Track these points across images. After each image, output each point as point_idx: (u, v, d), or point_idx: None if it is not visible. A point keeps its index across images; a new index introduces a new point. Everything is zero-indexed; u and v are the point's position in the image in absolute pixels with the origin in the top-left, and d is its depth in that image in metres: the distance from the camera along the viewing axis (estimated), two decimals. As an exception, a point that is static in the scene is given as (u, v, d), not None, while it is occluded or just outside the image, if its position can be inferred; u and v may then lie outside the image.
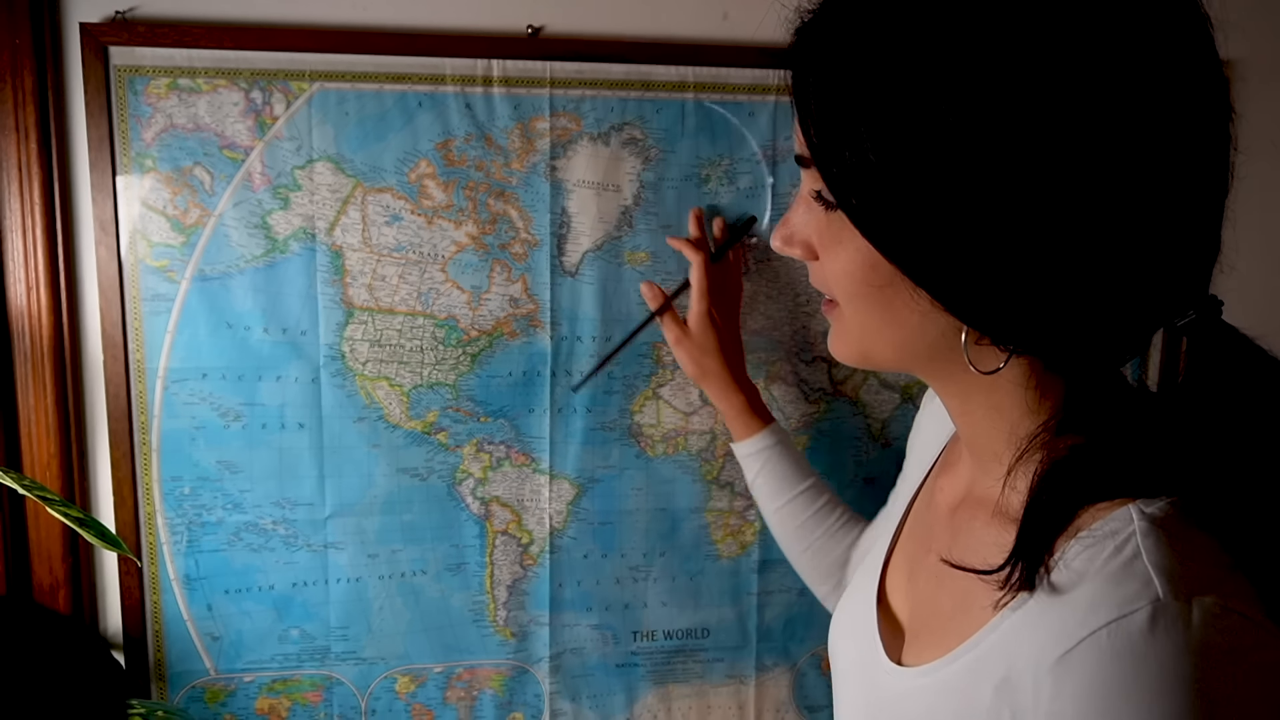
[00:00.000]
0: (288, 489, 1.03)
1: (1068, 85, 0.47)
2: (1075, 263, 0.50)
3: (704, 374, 1.00)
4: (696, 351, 1.00)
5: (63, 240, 0.97)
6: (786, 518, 0.99)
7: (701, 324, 0.99)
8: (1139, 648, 0.48)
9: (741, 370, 1.02)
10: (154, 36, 0.94)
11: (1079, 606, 0.51)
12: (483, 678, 1.10)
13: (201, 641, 1.04)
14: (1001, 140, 0.48)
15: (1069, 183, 0.48)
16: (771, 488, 0.99)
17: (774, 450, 0.99)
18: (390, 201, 1.00)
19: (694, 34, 1.04)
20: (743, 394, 1.00)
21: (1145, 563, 0.50)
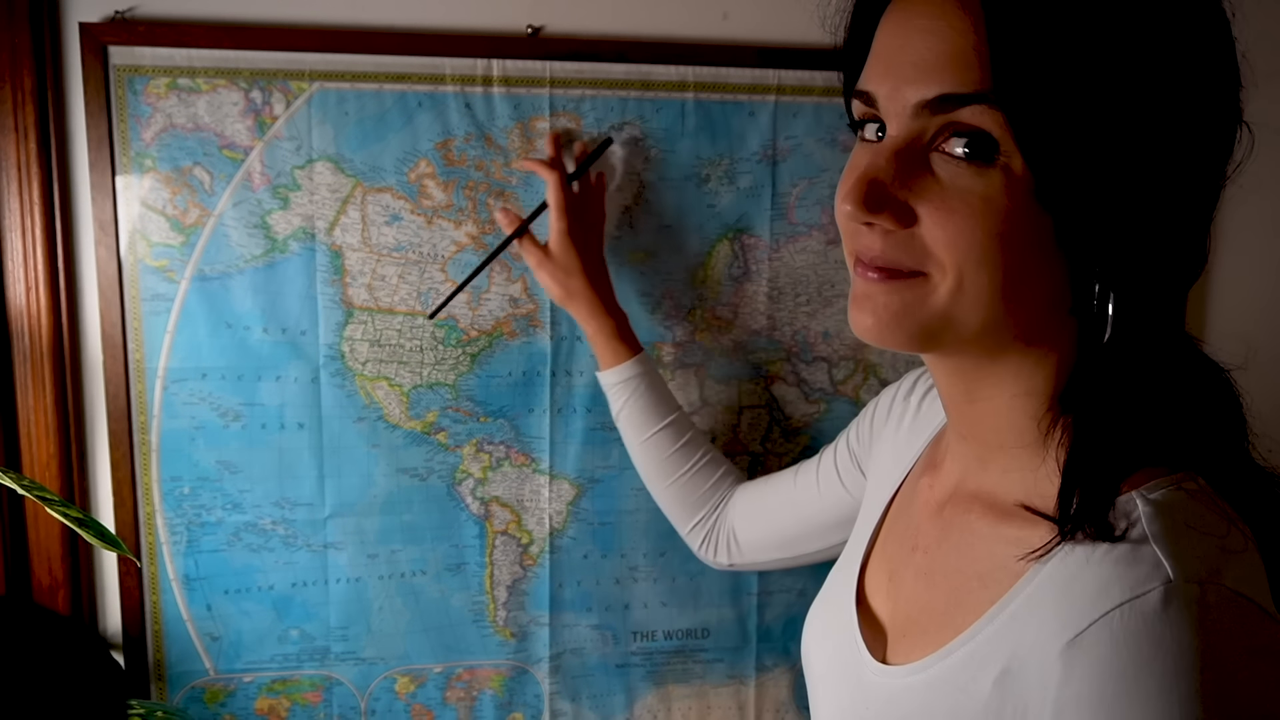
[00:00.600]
0: (287, 489, 1.03)
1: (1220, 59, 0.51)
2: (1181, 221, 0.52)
3: (569, 295, 0.97)
4: (560, 273, 0.97)
5: (62, 240, 0.97)
6: (652, 450, 0.99)
7: (562, 244, 0.96)
8: (1154, 628, 0.47)
9: (609, 294, 0.99)
10: (153, 36, 0.94)
11: (1088, 590, 0.50)
12: (483, 678, 1.10)
13: (201, 642, 1.04)
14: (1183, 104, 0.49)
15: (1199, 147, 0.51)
16: (638, 420, 0.99)
17: (642, 380, 0.98)
18: (390, 201, 1.00)
19: (694, 34, 1.04)
20: (611, 318, 0.98)
21: (1154, 547, 0.50)
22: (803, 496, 0.93)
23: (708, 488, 1.00)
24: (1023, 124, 0.48)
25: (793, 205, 1.07)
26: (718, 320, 1.08)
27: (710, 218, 1.06)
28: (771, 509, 0.96)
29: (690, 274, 1.07)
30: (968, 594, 0.58)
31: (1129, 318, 0.53)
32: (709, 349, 1.08)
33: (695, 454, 0.99)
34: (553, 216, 0.97)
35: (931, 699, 0.58)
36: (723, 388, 1.09)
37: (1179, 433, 0.55)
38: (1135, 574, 0.49)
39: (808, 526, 0.93)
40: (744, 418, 1.10)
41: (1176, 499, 0.52)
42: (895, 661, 0.63)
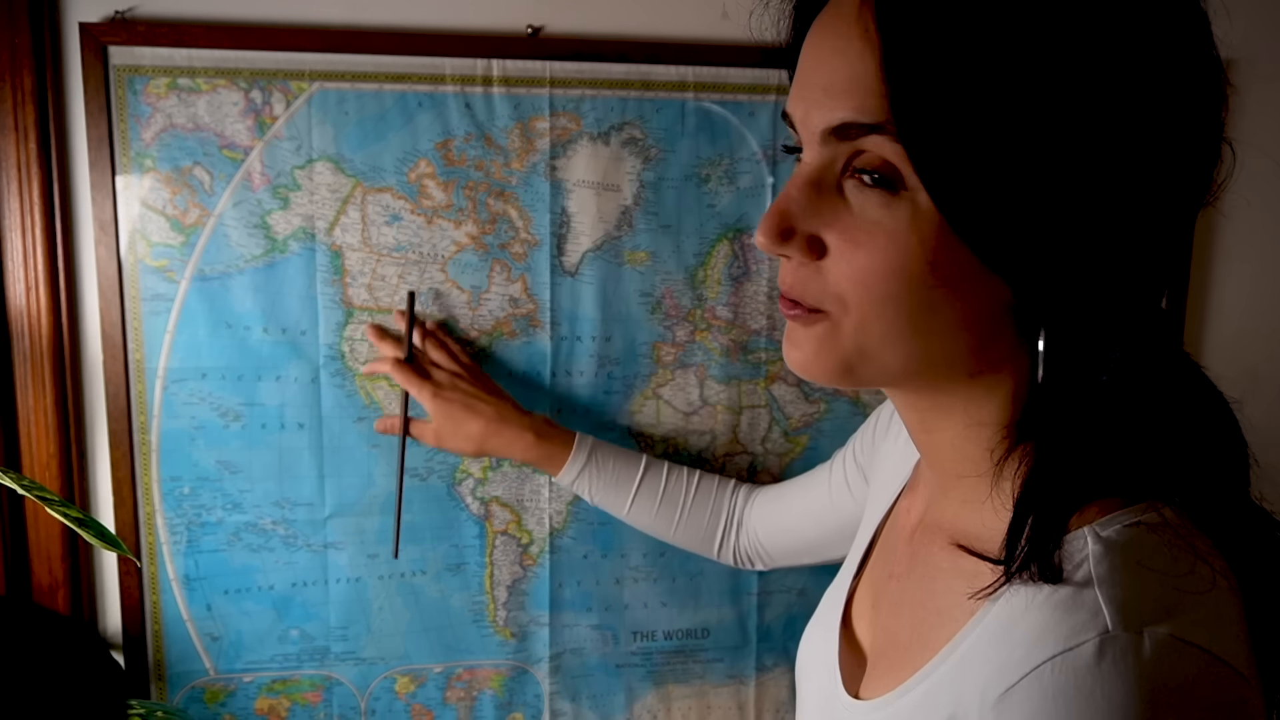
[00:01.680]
0: (287, 489, 1.03)
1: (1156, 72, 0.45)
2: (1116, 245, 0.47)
3: (483, 442, 0.96)
4: (459, 433, 0.96)
5: (62, 240, 0.97)
6: (642, 512, 0.99)
7: (440, 408, 0.96)
8: (1084, 684, 0.44)
9: (513, 408, 0.98)
10: (153, 36, 0.94)
11: (1025, 638, 0.47)
12: (483, 678, 1.10)
13: (201, 641, 1.04)
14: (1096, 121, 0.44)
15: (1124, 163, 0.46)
16: (614, 495, 0.99)
17: (592, 462, 0.98)
18: (390, 201, 1.00)
19: (694, 34, 1.04)
20: (530, 430, 0.97)
21: (1095, 591, 0.46)
22: (817, 506, 0.92)
23: (712, 509, 1.00)
24: (923, 158, 0.45)
25: (793, 205, 1.07)
26: (718, 320, 1.08)
27: (710, 218, 1.06)
28: (791, 519, 0.96)
29: (690, 274, 1.07)
30: (929, 629, 0.55)
31: (1076, 344, 0.50)
32: (709, 349, 1.08)
33: (683, 489, 0.99)
34: (416, 395, 0.97)
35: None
36: (723, 388, 1.09)
37: (1148, 461, 0.51)
38: (1072, 622, 0.46)
39: (829, 533, 0.92)
40: (744, 418, 1.10)
41: (1132, 536, 0.49)
42: (866, 696, 0.61)
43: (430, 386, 0.96)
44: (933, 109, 0.44)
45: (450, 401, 0.96)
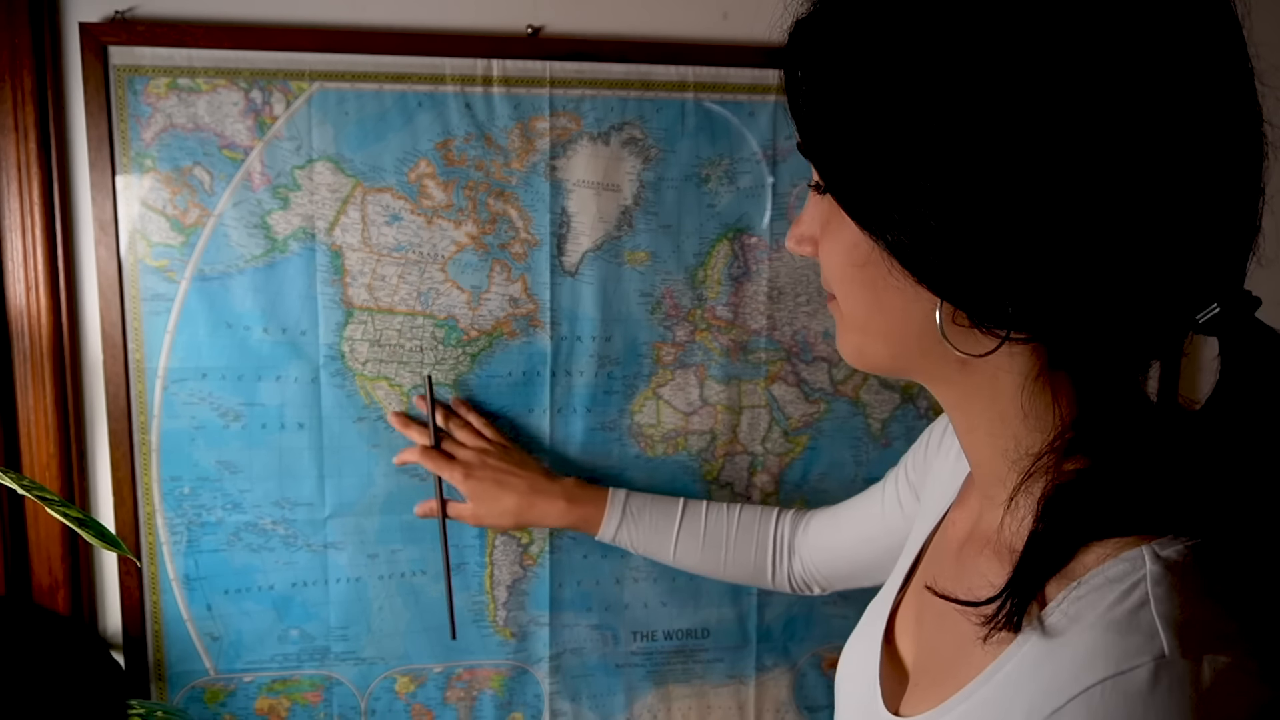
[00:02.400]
0: (287, 489, 1.03)
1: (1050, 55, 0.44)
2: (1052, 226, 0.45)
3: (520, 515, 0.98)
4: (496, 509, 0.98)
5: (62, 240, 0.97)
6: (688, 555, 0.99)
7: (474, 487, 0.98)
8: (1136, 711, 0.43)
9: (544, 475, 1.00)
10: (153, 36, 0.94)
11: (1076, 658, 0.46)
12: (483, 678, 1.10)
13: (201, 641, 1.04)
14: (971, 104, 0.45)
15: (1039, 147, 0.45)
16: (655, 544, 0.99)
17: (629, 515, 0.99)
18: (390, 201, 1.00)
19: (694, 34, 1.04)
20: (563, 496, 0.98)
21: (1153, 613, 0.45)
22: (870, 526, 0.91)
23: (758, 540, 0.99)
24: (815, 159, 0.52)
25: (793, 205, 1.07)
26: (718, 320, 1.08)
27: (710, 218, 1.06)
28: (844, 540, 0.94)
29: (690, 274, 1.07)
30: (973, 645, 0.53)
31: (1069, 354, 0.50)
32: (709, 349, 1.08)
33: (725, 525, 0.99)
34: (448, 479, 0.99)
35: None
36: (723, 388, 1.09)
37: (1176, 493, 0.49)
38: (1125, 645, 0.44)
39: (882, 554, 0.89)
40: (744, 418, 1.10)
41: (1194, 558, 0.46)
42: (906, 713, 0.59)
43: (460, 469, 0.98)
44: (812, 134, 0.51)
45: (482, 480, 0.98)
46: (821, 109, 0.49)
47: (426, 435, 1.01)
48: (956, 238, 0.46)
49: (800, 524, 0.99)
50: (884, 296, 0.52)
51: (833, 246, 0.54)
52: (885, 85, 0.47)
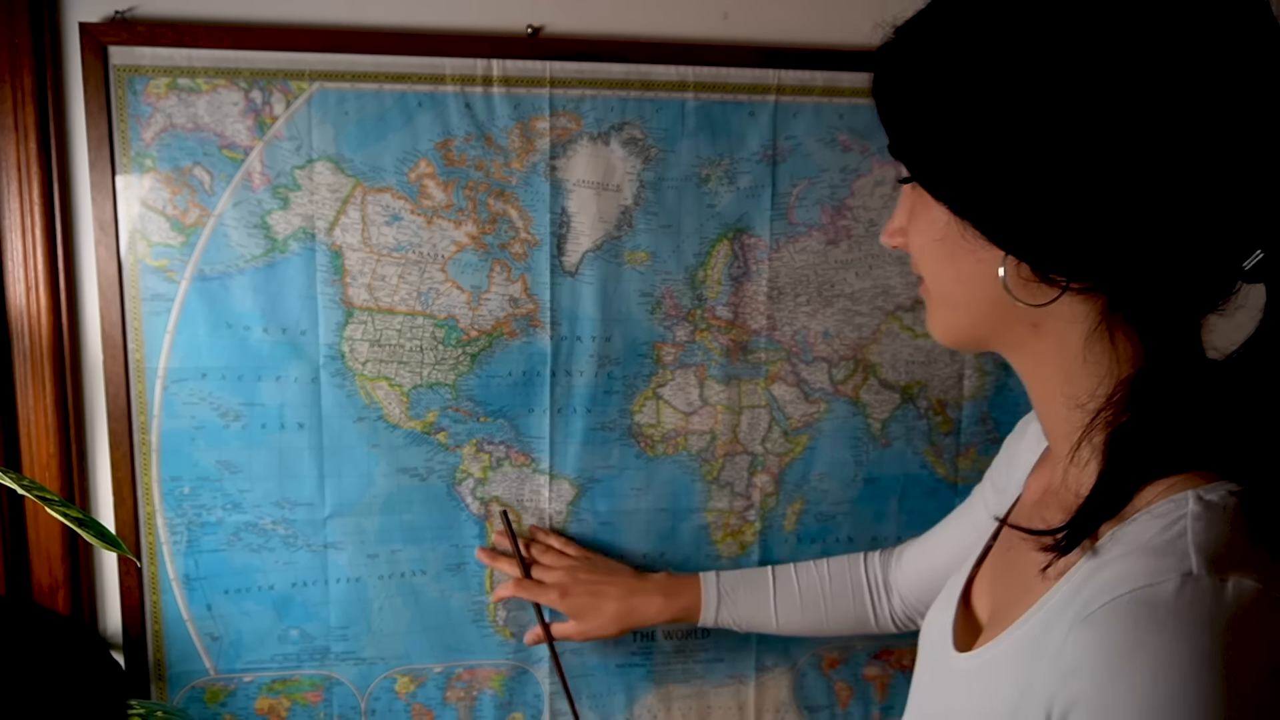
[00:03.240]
0: (287, 489, 1.03)
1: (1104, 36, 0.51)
2: (1103, 184, 0.51)
3: (622, 619, 1.00)
4: (598, 620, 1.00)
5: (62, 240, 0.97)
6: (790, 619, 1.01)
7: (572, 605, 1.00)
8: (1158, 615, 0.46)
9: (633, 580, 1.03)
10: (153, 36, 0.94)
11: (1113, 575, 0.50)
12: (482, 678, 1.10)
13: (201, 641, 1.04)
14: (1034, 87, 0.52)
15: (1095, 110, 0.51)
16: (757, 618, 1.01)
17: (725, 597, 1.01)
18: (390, 201, 1.00)
19: (694, 34, 1.04)
20: (660, 593, 1.01)
21: (1188, 541, 0.49)
22: (964, 543, 0.89)
23: (853, 587, 1.00)
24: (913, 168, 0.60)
25: (793, 205, 1.07)
26: (718, 320, 1.08)
27: (710, 218, 1.06)
28: (939, 564, 0.93)
29: (690, 274, 1.07)
30: (1033, 586, 0.59)
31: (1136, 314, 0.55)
32: (709, 349, 1.08)
33: (818, 582, 1.01)
34: (547, 603, 1.02)
35: (976, 685, 0.61)
36: (723, 388, 1.09)
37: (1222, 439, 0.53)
38: (1159, 564, 0.48)
39: None
40: (744, 418, 1.10)
41: (1237, 502, 0.51)
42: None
43: (555, 591, 1.01)
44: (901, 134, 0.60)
45: (578, 597, 1.01)
46: (911, 113, 0.58)
47: (516, 567, 1.04)
48: (1021, 199, 0.54)
49: (891, 561, 1.00)
50: (962, 265, 0.59)
51: (919, 229, 0.62)
52: (966, 86, 0.54)
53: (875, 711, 1.18)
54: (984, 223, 0.56)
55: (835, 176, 1.07)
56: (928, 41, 0.57)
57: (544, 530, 1.08)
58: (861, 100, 1.06)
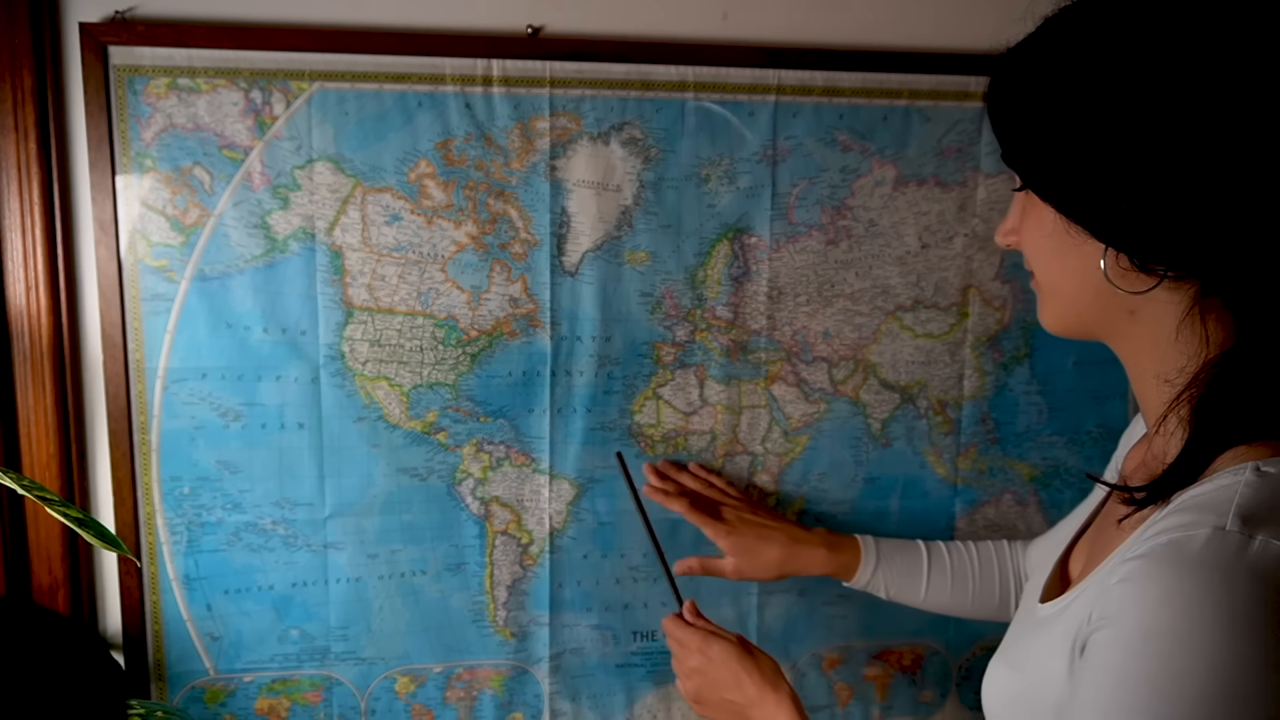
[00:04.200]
0: (287, 489, 1.03)
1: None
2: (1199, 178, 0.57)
3: (782, 565, 1.01)
4: (758, 563, 1.00)
5: (62, 240, 0.97)
6: (938, 594, 1.02)
7: (735, 543, 1.00)
8: (1180, 556, 0.52)
9: (797, 529, 1.03)
10: (153, 36, 0.94)
11: (1161, 528, 0.56)
12: (483, 678, 1.10)
13: (201, 641, 1.04)
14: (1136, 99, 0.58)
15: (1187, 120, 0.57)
16: (907, 587, 1.02)
17: (883, 560, 1.01)
18: (390, 201, 1.00)
19: (694, 34, 1.04)
20: (822, 545, 1.01)
21: (1233, 502, 0.54)
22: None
23: (999, 572, 1.02)
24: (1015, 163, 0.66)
25: (793, 205, 1.07)
26: (718, 320, 1.08)
27: (710, 218, 1.06)
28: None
29: (690, 274, 1.07)
30: (1113, 541, 0.66)
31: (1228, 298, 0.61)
32: (709, 349, 1.08)
33: (968, 561, 1.02)
34: (710, 536, 1.01)
35: (1050, 628, 0.67)
36: (723, 388, 1.09)
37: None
38: (1198, 518, 0.54)
39: None
40: (744, 418, 1.10)
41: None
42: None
43: (722, 527, 1.01)
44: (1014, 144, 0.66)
45: (744, 536, 1.01)
46: (1023, 126, 0.65)
47: (685, 491, 1.05)
48: (1122, 197, 0.59)
49: (1029, 551, 1.00)
50: (1068, 259, 0.65)
51: (1030, 228, 0.69)
52: (1074, 101, 0.61)
53: (875, 711, 1.18)
54: (1088, 220, 0.62)
55: (835, 176, 1.07)
56: (1037, 64, 0.64)
57: (704, 467, 1.09)
58: (861, 100, 1.06)
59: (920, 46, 1.08)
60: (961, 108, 1.08)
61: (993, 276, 1.12)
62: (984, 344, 1.13)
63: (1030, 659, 0.70)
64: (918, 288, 1.11)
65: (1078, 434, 1.16)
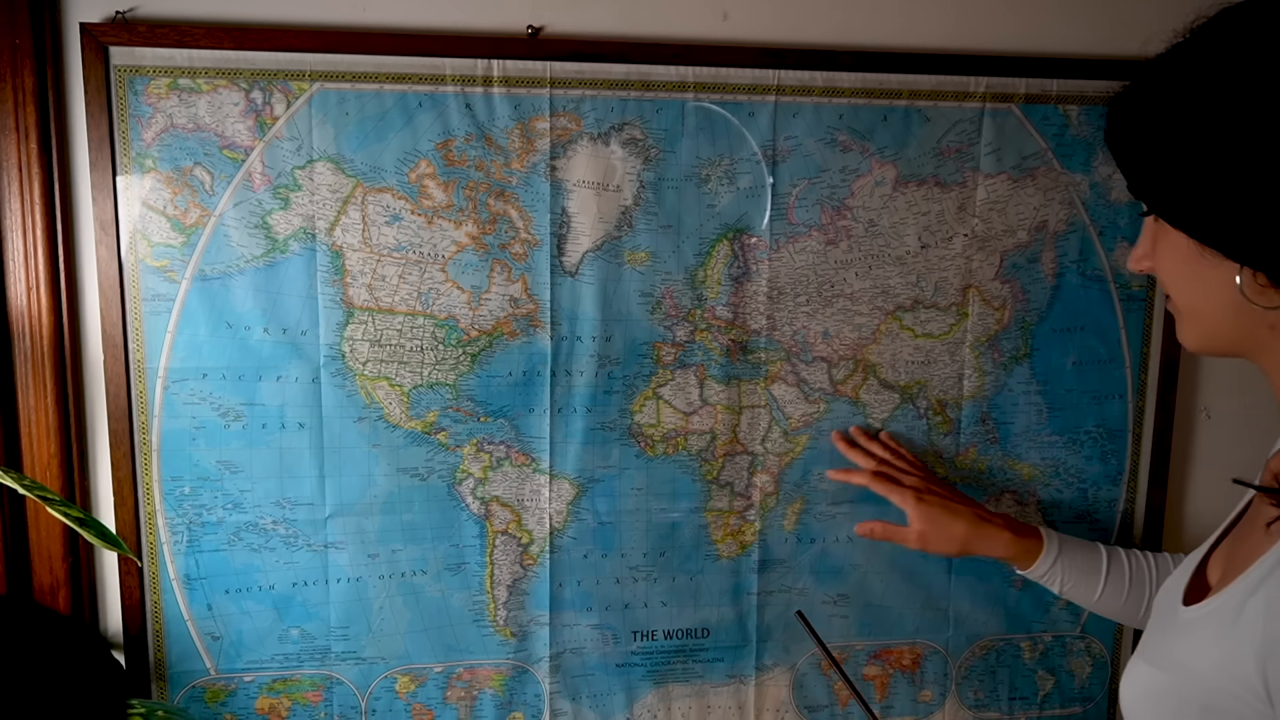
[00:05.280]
0: (288, 489, 1.03)
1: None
2: None
3: (966, 541, 1.02)
4: (943, 535, 1.02)
5: (63, 240, 0.97)
6: (1112, 598, 1.02)
7: (924, 512, 1.02)
8: None
9: (982, 508, 1.05)
10: (154, 37, 0.94)
11: None
12: (483, 678, 1.10)
13: (202, 641, 1.04)
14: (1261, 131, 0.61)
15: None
16: (1083, 586, 1.02)
17: (1063, 554, 1.02)
18: (390, 201, 1.00)
19: (694, 34, 1.04)
20: (1006, 528, 1.02)
21: None
22: None
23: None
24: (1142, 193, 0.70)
25: (793, 205, 1.07)
26: (718, 320, 1.08)
27: (710, 218, 1.06)
28: None
29: (690, 274, 1.07)
30: (1259, 546, 0.68)
31: None
32: (709, 349, 1.08)
33: (1146, 570, 1.02)
34: (899, 503, 1.04)
35: (1197, 631, 0.70)
36: (723, 388, 1.09)
37: None
38: None
39: None
40: (744, 418, 1.10)
41: None
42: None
43: (911, 494, 1.04)
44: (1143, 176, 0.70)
45: (932, 506, 1.03)
46: (1150, 160, 0.68)
47: (871, 460, 1.08)
48: (1253, 219, 0.63)
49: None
50: (1203, 280, 0.68)
51: (1163, 253, 0.72)
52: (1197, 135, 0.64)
53: (875, 711, 1.18)
54: (1221, 242, 0.65)
55: (835, 176, 1.07)
56: (1161, 100, 0.67)
57: (893, 437, 1.12)
58: (861, 100, 1.06)
59: (920, 46, 1.08)
60: (961, 108, 1.08)
61: (992, 277, 1.12)
62: (984, 344, 1.13)
63: (1172, 659, 0.73)
64: (917, 288, 1.11)
65: (1077, 434, 1.16)
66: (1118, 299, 1.14)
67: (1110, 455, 1.17)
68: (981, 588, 1.17)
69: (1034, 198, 1.11)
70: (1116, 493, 1.18)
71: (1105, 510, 1.18)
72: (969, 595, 1.17)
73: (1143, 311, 1.15)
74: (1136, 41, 1.11)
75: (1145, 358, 1.15)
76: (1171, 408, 1.16)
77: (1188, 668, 0.70)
